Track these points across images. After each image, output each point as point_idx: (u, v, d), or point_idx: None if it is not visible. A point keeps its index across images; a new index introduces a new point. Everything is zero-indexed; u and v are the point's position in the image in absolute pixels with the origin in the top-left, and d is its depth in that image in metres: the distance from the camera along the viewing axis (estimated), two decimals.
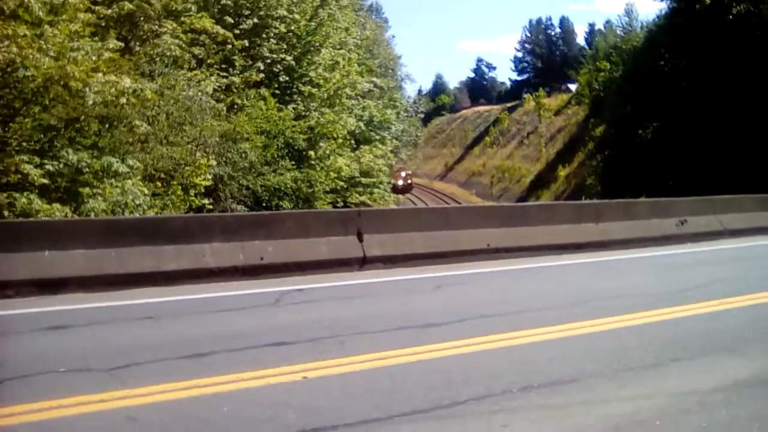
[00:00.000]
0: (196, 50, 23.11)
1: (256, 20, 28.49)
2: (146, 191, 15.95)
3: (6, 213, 12.49)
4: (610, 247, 12.58)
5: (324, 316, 7.54)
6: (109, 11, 18.19)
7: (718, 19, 31.93)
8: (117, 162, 14.43)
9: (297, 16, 30.26)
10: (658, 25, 41.74)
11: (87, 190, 13.98)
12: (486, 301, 8.41)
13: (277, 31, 29.42)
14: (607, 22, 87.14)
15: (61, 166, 13.50)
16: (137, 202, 15.09)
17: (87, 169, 13.82)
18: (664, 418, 4.72)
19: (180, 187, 18.33)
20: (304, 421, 4.55)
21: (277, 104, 27.61)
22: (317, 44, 31.75)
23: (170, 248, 9.15)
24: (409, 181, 71.19)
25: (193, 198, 18.87)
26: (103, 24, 17.61)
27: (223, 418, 4.59)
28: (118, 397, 4.80)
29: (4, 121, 13.48)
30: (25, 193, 12.75)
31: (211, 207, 20.25)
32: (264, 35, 29.04)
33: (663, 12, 40.98)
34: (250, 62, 27.98)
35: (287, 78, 30.01)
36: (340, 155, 30.89)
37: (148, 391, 4.94)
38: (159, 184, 17.72)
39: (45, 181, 13.03)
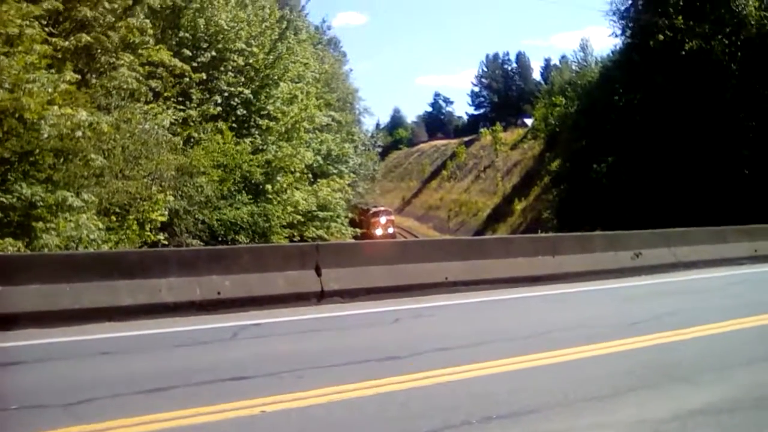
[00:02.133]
0: (153, 83, 22.98)
1: (214, 53, 28.46)
2: (101, 225, 15.76)
3: None
4: (567, 279, 12.69)
5: (282, 350, 7.52)
6: (66, 43, 18.07)
7: (672, 55, 32.70)
8: (72, 196, 14.26)
9: (255, 50, 30.30)
10: (613, 60, 42.62)
11: (40, 224, 13.77)
12: (445, 333, 8.42)
13: (235, 64, 29.41)
14: (563, 57, 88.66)
15: (14, 199, 13.31)
16: (91, 236, 14.89)
17: (41, 203, 13.64)
18: None
19: (135, 222, 18.17)
20: None
21: (235, 138, 27.52)
22: (275, 77, 31.79)
23: (126, 283, 9.04)
24: (391, 230, 53.82)
25: (149, 233, 18.70)
26: (60, 56, 17.48)
27: None
28: None
29: None
30: None
31: (166, 242, 20.08)
32: (222, 68, 29.01)
33: (618, 48, 41.96)
34: (208, 95, 27.90)
35: (245, 111, 29.96)
36: (298, 189, 30.84)
37: (106, 426, 4.88)
38: (114, 218, 17.55)
39: None
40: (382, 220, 53.60)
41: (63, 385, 5.90)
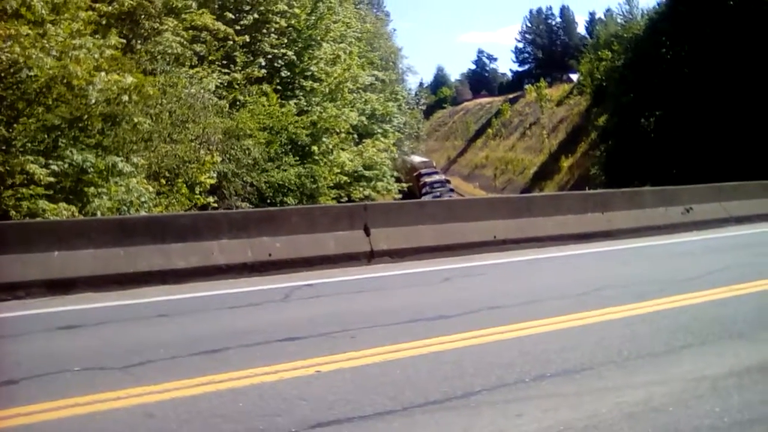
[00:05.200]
0: (197, 47, 23.10)
1: (256, 15, 28.48)
2: (151, 189, 15.96)
3: (12, 213, 12.52)
4: (617, 236, 12.58)
5: (334, 310, 7.56)
6: (110, 8, 18.16)
7: (719, 5, 31.94)
8: (121, 161, 14.44)
9: (297, 10, 30.24)
10: (659, 12, 41.76)
11: (92, 189, 13.99)
12: (495, 292, 8.43)
13: (277, 26, 29.40)
14: (608, 10, 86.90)
15: (66, 165, 13.50)
16: (142, 200, 15.11)
17: (91, 169, 13.82)
18: (677, 404, 4.74)
19: (185, 185, 18.35)
20: (320, 414, 4.58)
21: (279, 100, 27.58)
22: (318, 38, 31.74)
23: (179, 246, 9.17)
24: None
25: (198, 196, 18.88)
26: (104, 22, 17.59)
27: (240, 413, 4.62)
28: (134, 395, 4.84)
29: (9, 122, 13.49)
30: (32, 187, 12.77)
31: (215, 205, 20.25)
32: (264, 30, 29.03)
33: None
34: (252, 58, 27.96)
35: (289, 73, 30.00)
36: (343, 150, 30.84)
37: (164, 387, 4.97)
38: (163, 182, 17.74)
39: (51, 179, 13.05)
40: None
41: (121, 348, 6.00)
